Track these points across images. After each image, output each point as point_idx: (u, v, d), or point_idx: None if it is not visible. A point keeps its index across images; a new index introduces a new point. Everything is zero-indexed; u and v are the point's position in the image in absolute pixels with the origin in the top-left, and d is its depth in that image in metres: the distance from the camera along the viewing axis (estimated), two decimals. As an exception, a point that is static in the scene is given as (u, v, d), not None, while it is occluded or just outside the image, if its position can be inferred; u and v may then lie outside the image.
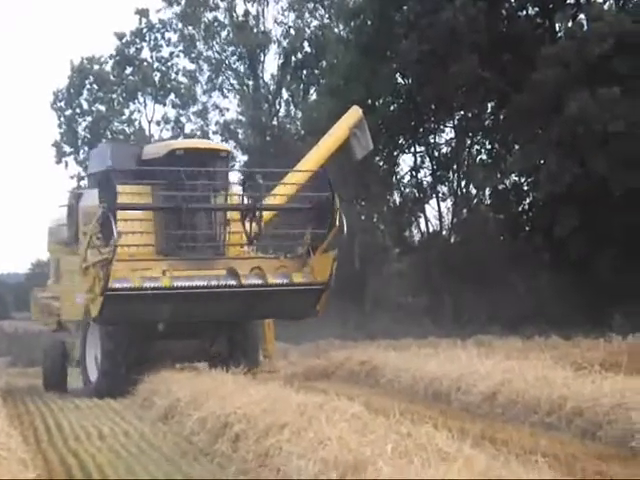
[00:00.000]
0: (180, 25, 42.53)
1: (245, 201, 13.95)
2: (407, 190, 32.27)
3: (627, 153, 20.71)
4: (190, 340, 14.55)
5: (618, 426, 8.61)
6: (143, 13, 43.51)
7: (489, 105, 28.80)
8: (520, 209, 26.72)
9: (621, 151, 20.71)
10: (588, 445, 8.72)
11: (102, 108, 44.11)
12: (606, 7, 23.89)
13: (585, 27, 22.74)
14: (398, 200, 32.26)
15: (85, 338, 14.26)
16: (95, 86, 44.01)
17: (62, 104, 44.57)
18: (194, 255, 13.68)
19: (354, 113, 16.56)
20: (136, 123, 44.53)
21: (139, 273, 12.88)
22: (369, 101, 28.45)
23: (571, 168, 21.50)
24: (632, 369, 11.17)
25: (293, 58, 40.22)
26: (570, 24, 23.66)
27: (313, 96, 39.14)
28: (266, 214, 14.32)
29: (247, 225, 13.85)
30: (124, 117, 44.50)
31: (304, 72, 40.05)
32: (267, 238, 14.62)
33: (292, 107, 41.25)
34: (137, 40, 43.68)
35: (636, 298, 22.43)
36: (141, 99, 44.21)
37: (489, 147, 30.40)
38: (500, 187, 27.70)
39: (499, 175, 28.41)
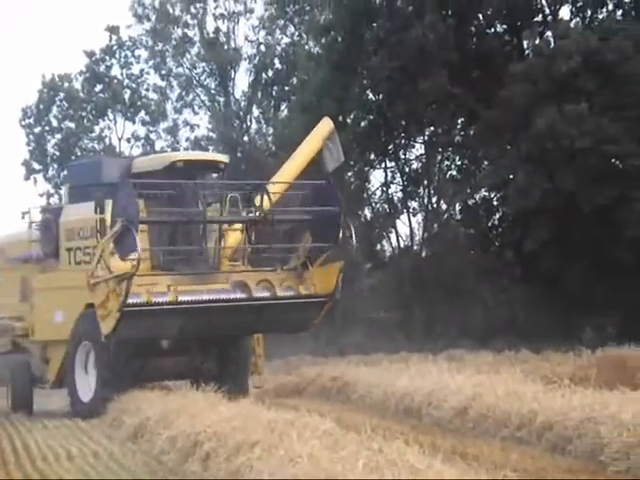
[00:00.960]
0: (150, 42, 42.47)
1: (252, 213, 13.78)
2: (378, 205, 32.40)
3: (594, 169, 20.96)
4: (180, 357, 14.29)
5: (587, 440, 8.66)
6: (113, 30, 43.40)
7: (459, 121, 29.04)
8: (490, 224, 26.92)
9: (588, 167, 20.96)
10: (558, 459, 8.76)
11: (72, 125, 43.82)
12: (572, 25, 24.22)
13: (552, 44, 23.03)
14: (369, 215, 32.36)
15: (74, 357, 13.82)
16: (65, 103, 43.74)
17: (31, 121, 44.23)
18: (191, 269, 13.45)
19: (326, 125, 16.55)
20: (106, 140, 44.30)
21: (145, 288, 12.60)
22: (340, 117, 28.55)
23: (540, 183, 21.70)
24: (601, 383, 11.27)
25: (264, 75, 40.31)
26: (537, 41, 23.96)
27: (284, 112, 39.22)
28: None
29: (251, 237, 13.71)
30: (94, 134, 44.23)
31: (275, 89, 40.14)
32: (259, 251, 14.41)
33: (263, 123, 41.29)
34: (107, 57, 43.53)
35: (605, 311, 22.66)
36: (111, 116, 44.00)
37: (459, 163, 30.63)
38: (470, 202, 27.90)
39: (469, 190, 28.62)
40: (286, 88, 39.10)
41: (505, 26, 26.41)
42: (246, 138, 40.41)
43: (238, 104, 41.71)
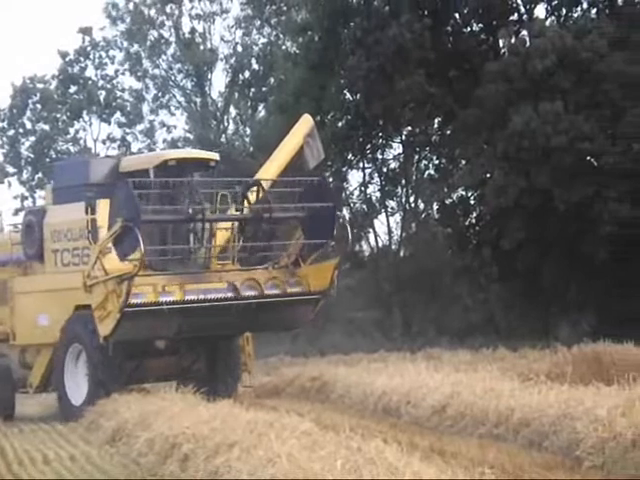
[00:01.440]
0: (125, 43, 42.25)
1: (241, 211, 13.75)
2: (356, 205, 32.45)
3: (569, 167, 21.11)
4: (170, 358, 14.21)
5: (563, 436, 8.74)
6: (86, 31, 43.10)
7: (436, 120, 29.12)
8: (467, 223, 27.02)
9: (564, 165, 21.11)
10: (535, 455, 8.84)
11: (46, 127, 43.47)
12: (548, 24, 24.35)
13: (528, 43, 23.15)
14: (348, 215, 32.40)
15: (63, 361, 13.63)
16: (39, 105, 43.38)
17: (4, 124, 43.83)
18: (183, 269, 13.35)
19: (306, 122, 16.50)
20: (81, 142, 44.00)
21: (140, 289, 12.52)
22: (318, 117, 28.55)
23: (516, 182, 21.82)
24: (576, 379, 11.38)
25: (241, 75, 40.23)
26: (513, 40, 24.07)
27: (261, 113, 39.16)
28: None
29: (240, 235, 13.67)
30: (69, 136, 43.90)
31: (252, 89, 40.06)
32: (247, 249, 14.33)
33: (240, 124, 41.21)
34: (81, 58, 43.22)
35: (580, 308, 22.84)
36: (86, 117, 43.69)
37: (436, 162, 30.73)
38: (447, 201, 28.00)
39: (446, 189, 28.72)
40: (263, 89, 39.04)
41: (481, 25, 26.51)
42: (223, 139, 40.32)
43: (215, 105, 41.61)
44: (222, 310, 13.17)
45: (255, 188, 13.99)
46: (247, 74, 40.04)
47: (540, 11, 25.91)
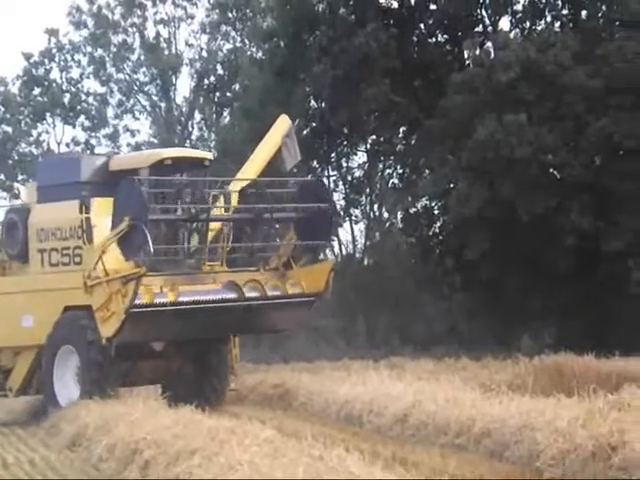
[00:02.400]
0: (89, 47, 41.85)
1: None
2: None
3: (533, 178, 21.32)
4: (160, 360, 13.95)
5: (524, 446, 8.77)
6: (52, 33, 42.62)
7: (401, 130, 29.26)
8: (431, 232, 27.16)
9: (527, 176, 21.31)
10: (495, 465, 8.86)
11: (8, 129, 42.88)
12: (512, 36, 24.62)
13: (492, 55, 23.37)
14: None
15: (51, 363, 13.25)
16: (1, 107, 42.77)
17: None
18: (177, 270, 13.12)
19: (284, 122, 16.31)
20: (44, 144, 43.47)
21: (144, 289, 12.29)
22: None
23: (480, 192, 21.97)
24: (538, 390, 11.46)
25: (206, 80, 40.08)
26: (478, 52, 24.28)
27: (227, 119, 39.04)
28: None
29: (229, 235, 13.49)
30: (32, 138, 43.32)
31: (217, 94, 39.93)
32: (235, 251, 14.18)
33: (205, 130, 41.04)
34: (46, 60, 42.72)
35: (542, 319, 23.06)
36: (50, 120, 43.18)
37: (401, 171, 30.86)
38: (411, 211, 28.13)
39: (410, 199, 28.85)
40: (228, 94, 38.93)
41: (446, 36, 26.72)
42: (188, 144, 40.13)
43: (180, 110, 41.40)
44: (224, 311, 13.04)
45: (249, 188, 13.86)
46: (212, 79, 39.92)
47: (504, 23, 26.24)
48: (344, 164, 31.70)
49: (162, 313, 12.39)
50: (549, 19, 25.64)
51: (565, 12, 25.23)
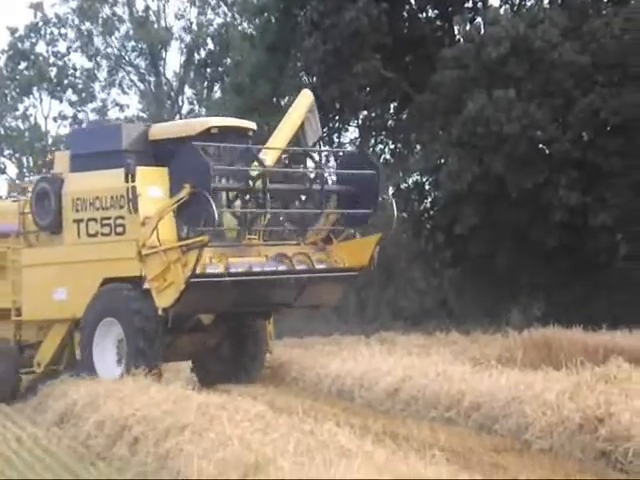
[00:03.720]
0: (77, 21, 41.46)
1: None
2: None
3: (522, 154, 21.36)
4: (198, 335, 13.74)
5: (513, 419, 8.90)
6: (37, 7, 42.21)
7: (392, 105, 29.20)
8: (422, 208, 27.21)
9: (516, 152, 21.35)
10: (485, 438, 8.99)
11: (-6, 103, 42.65)
12: (502, 12, 24.52)
13: (482, 31, 23.30)
14: (304, 198, 32.33)
15: (91, 336, 12.93)
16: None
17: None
18: (219, 242, 12.82)
19: (307, 97, 15.99)
20: (31, 119, 43.19)
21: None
22: (274, 99, 28.42)
23: (470, 168, 22.01)
24: (526, 363, 11.60)
25: (196, 55, 39.84)
26: (468, 27, 24.20)
27: (217, 93, 38.87)
28: None
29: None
30: (18, 112, 43.06)
31: (208, 69, 39.71)
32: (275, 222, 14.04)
33: (196, 104, 40.86)
34: (32, 34, 42.32)
35: (531, 293, 23.21)
36: (36, 94, 42.89)
37: (392, 147, 30.82)
38: (403, 186, 28.13)
39: (402, 174, 28.85)
40: (219, 69, 38.72)
41: (437, 11, 26.61)
42: (178, 119, 39.97)
43: (170, 84, 41.18)
44: (277, 284, 12.96)
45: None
46: (203, 54, 39.69)
47: (494, -1, 26.14)
48: (335, 139, 31.63)
49: (218, 284, 12.21)
50: (538, -5, 25.56)
51: (554, -12, 25.15)
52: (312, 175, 13.80)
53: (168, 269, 11.86)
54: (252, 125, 14.36)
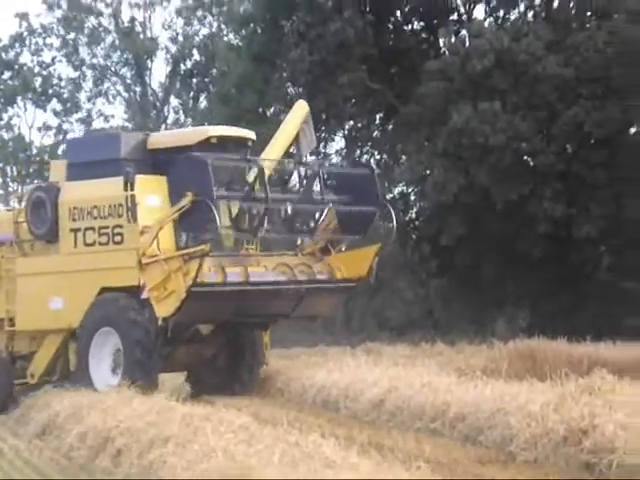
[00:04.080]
0: (62, 31, 41.38)
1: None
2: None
3: (507, 166, 21.48)
4: (194, 346, 13.57)
5: (497, 431, 8.90)
6: (23, 17, 42.10)
7: (378, 116, 29.30)
8: (408, 218, 27.29)
9: (501, 164, 21.47)
10: (470, 449, 8.98)
11: (-22, 113, 42.42)
12: (486, 24, 24.70)
13: (467, 43, 23.44)
14: (290, 210, 32.32)
15: (87, 346, 12.76)
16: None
17: None
18: (217, 251, 12.63)
19: (302, 107, 15.88)
20: (15, 129, 43.03)
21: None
22: (260, 109, 28.45)
23: (456, 179, 22.10)
24: (511, 374, 11.61)
25: (182, 65, 39.87)
26: (453, 40, 24.36)
27: (203, 103, 38.86)
28: None
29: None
30: (2, 122, 42.86)
31: (194, 80, 39.74)
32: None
33: (182, 114, 40.84)
34: (17, 44, 42.20)
35: (516, 304, 23.29)
36: (21, 104, 42.71)
37: (378, 157, 30.91)
38: (388, 197, 28.20)
39: (387, 185, 28.92)
40: (205, 79, 38.75)
41: (422, 24, 26.76)
42: (163, 129, 39.92)
43: (155, 94, 41.15)
44: (275, 294, 12.87)
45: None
46: (189, 64, 39.72)
47: (479, 12, 26.32)
48: (322, 150, 31.69)
49: (218, 293, 12.13)
50: (522, 8, 25.77)
51: (538, 1, 25.37)
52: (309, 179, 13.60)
53: (169, 278, 11.78)
54: (251, 135, 14.29)
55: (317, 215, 13.92)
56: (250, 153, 13.85)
